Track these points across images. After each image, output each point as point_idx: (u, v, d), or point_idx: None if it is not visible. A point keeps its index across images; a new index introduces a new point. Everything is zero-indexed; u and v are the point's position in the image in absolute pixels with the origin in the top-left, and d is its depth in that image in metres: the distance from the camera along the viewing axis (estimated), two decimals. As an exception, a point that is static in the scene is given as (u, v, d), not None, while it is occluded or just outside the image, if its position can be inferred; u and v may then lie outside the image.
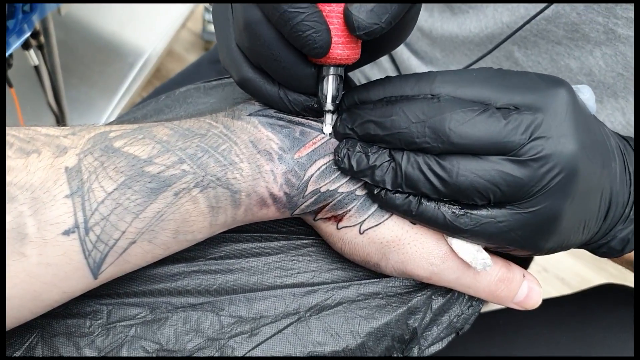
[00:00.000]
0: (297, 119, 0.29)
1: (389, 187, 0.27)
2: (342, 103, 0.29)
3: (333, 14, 0.25)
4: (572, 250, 0.31)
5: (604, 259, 0.33)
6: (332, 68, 0.27)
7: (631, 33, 0.35)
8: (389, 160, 0.27)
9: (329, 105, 0.28)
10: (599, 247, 0.30)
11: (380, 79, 0.28)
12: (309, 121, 0.29)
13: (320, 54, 0.25)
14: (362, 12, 0.24)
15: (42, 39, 0.72)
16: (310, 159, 0.28)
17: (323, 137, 0.29)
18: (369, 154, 0.27)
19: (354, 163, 0.27)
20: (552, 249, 0.27)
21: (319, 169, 0.28)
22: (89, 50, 1.02)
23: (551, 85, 0.26)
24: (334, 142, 0.29)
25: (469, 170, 0.25)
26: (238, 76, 0.28)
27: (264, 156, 0.28)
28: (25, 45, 0.69)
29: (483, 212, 0.26)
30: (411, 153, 0.26)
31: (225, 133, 0.28)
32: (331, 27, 0.25)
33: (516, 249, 0.27)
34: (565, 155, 0.24)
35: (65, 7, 0.69)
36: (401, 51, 0.52)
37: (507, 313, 0.48)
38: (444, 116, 0.25)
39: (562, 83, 0.26)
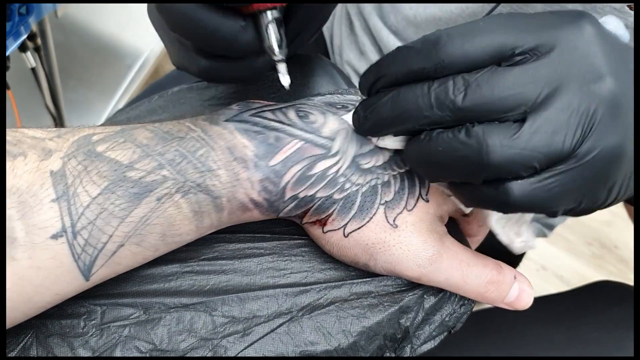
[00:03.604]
0: (272, 124, 0.28)
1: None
2: (361, 87, 0.27)
3: None
4: (571, 248, 0.30)
5: (603, 257, 0.33)
6: (268, 13, 0.25)
7: None
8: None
9: (278, 55, 0.26)
10: None
11: (389, 54, 0.26)
12: (284, 126, 0.29)
13: None
14: None
15: (39, 41, 0.72)
16: (285, 166, 0.28)
17: (296, 143, 0.28)
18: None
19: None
20: (613, 201, 0.24)
21: (294, 175, 0.28)
22: (87, 52, 1.02)
23: (570, 20, 0.23)
24: (308, 147, 0.28)
25: (497, 144, 0.22)
26: (197, 68, 0.28)
27: (240, 163, 0.27)
28: (22, 48, 0.69)
29: (530, 179, 0.23)
30: (432, 132, 0.24)
31: (203, 137, 0.28)
32: None
33: (574, 210, 0.24)
34: (603, 95, 0.22)
35: (61, 9, 0.69)
36: (387, 39, 0.52)
37: (502, 311, 0.48)
38: (447, 84, 0.23)
39: (583, 15, 0.23)
